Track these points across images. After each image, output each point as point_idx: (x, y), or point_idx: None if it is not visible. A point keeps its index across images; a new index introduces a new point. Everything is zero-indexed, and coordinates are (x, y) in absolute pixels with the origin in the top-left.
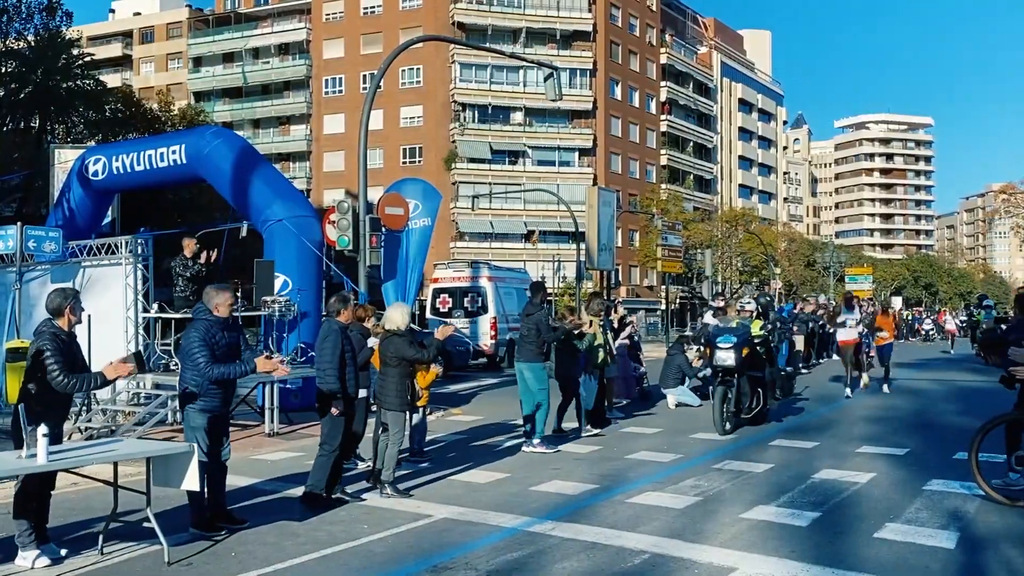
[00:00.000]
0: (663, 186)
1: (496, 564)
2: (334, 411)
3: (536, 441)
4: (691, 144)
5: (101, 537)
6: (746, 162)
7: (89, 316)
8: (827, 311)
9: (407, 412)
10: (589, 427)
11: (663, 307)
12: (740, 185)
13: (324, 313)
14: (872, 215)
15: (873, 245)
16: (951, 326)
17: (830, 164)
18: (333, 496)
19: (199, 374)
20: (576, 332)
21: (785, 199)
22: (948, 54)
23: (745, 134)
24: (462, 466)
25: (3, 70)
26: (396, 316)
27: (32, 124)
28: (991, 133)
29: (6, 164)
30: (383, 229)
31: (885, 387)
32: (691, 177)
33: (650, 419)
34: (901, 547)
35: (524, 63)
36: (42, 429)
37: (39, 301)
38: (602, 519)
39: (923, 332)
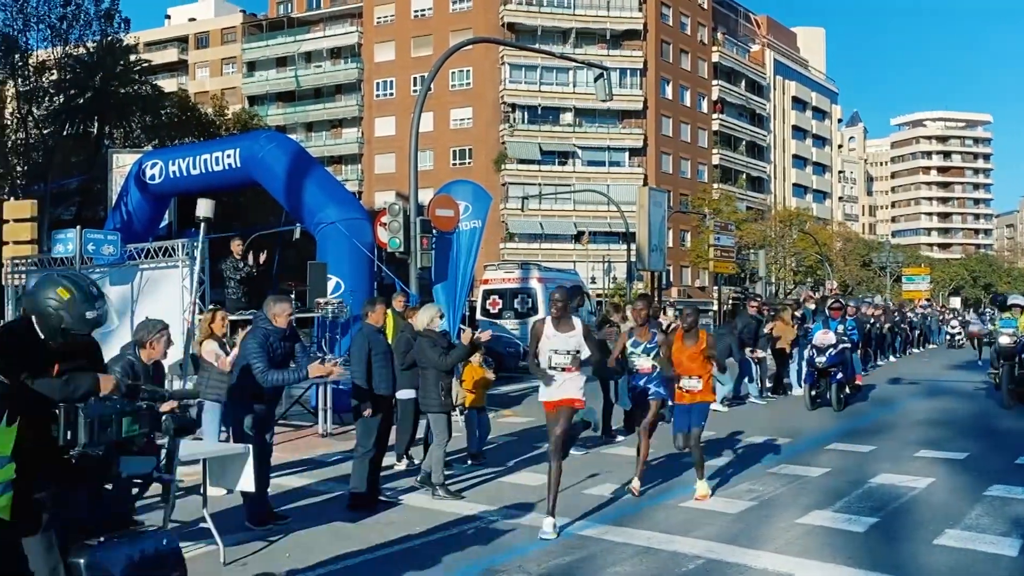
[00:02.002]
0: (715, 186)
1: (549, 568)
2: (365, 413)
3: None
4: (743, 143)
5: None
6: (800, 161)
7: (146, 317)
8: (886, 313)
9: (448, 413)
10: (616, 433)
11: (715, 308)
12: (794, 184)
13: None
14: (929, 214)
15: (930, 245)
16: (975, 327)
17: (886, 162)
18: (379, 497)
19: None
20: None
21: (840, 198)
22: (1007, 49)
23: (799, 132)
24: (513, 468)
25: (63, 76)
26: (423, 317)
27: (91, 129)
28: None
29: (66, 168)
30: (434, 231)
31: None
32: (744, 176)
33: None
34: (961, 554)
35: (574, 63)
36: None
37: None
38: (655, 523)
39: (950, 335)
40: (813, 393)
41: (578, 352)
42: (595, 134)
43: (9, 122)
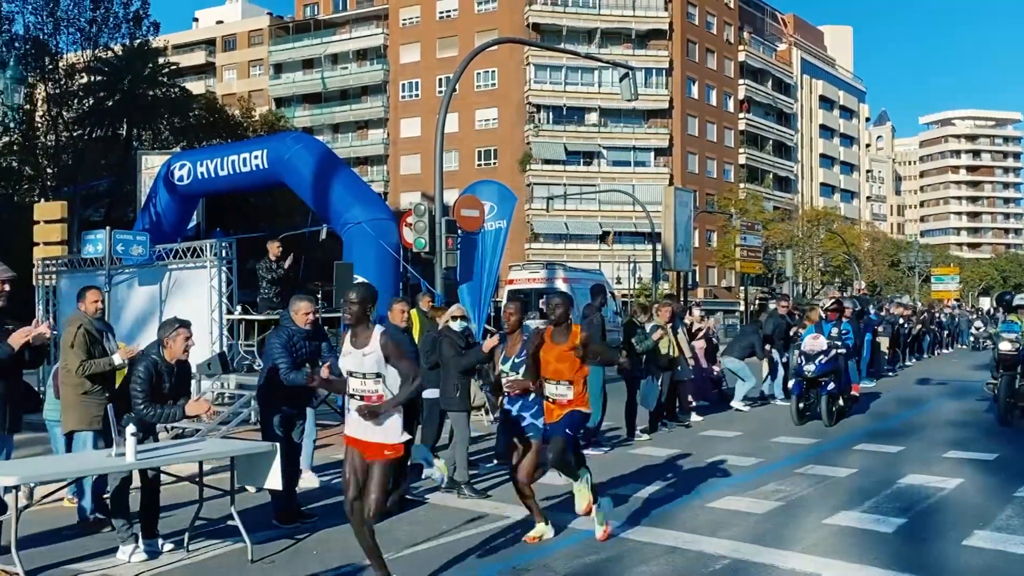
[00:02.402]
0: (742, 185)
1: (574, 567)
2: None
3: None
4: (770, 142)
5: (187, 535)
6: (827, 160)
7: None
8: (915, 313)
9: (467, 412)
10: (641, 433)
11: (742, 308)
12: (821, 184)
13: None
14: (959, 213)
15: (960, 244)
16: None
17: (914, 162)
18: (405, 497)
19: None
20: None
21: (868, 198)
22: None
23: (826, 132)
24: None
25: (92, 79)
26: (445, 316)
27: (120, 131)
28: None
29: (95, 170)
30: (459, 231)
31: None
32: (770, 176)
33: (729, 422)
34: (991, 555)
35: (599, 63)
36: (130, 428)
37: (127, 303)
38: (681, 523)
39: (974, 336)
40: (801, 406)
41: (379, 376)
42: (620, 134)
43: (40, 125)
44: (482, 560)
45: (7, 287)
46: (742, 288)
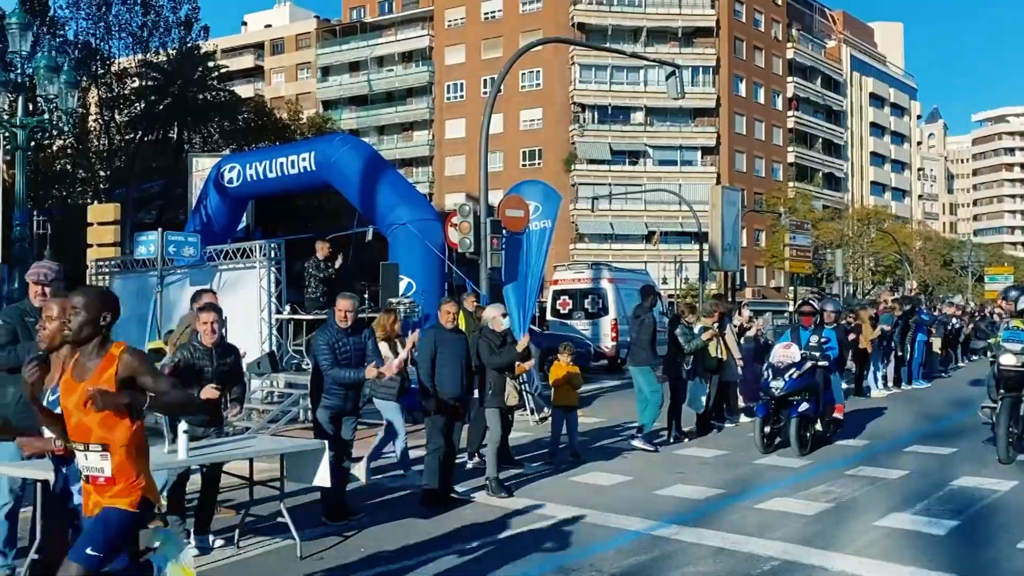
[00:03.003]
0: (791, 184)
1: (622, 567)
2: (427, 411)
3: (639, 438)
4: (820, 141)
5: (237, 531)
6: (878, 158)
7: (225, 318)
8: (966, 313)
9: (500, 409)
10: (682, 435)
11: (791, 309)
12: (872, 182)
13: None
14: (1013, 212)
15: (1014, 244)
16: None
17: (967, 159)
18: (451, 495)
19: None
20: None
21: (920, 196)
22: None
23: (877, 129)
24: (585, 468)
25: (144, 83)
26: (486, 315)
27: (171, 134)
28: None
29: (147, 173)
30: (504, 231)
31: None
32: (820, 174)
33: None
34: None
35: (645, 62)
36: (182, 426)
37: (178, 304)
38: (729, 524)
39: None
40: (766, 430)
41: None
42: (667, 133)
43: (92, 128)
44: (529, 559)
45: (46, 289)
46: (791, 288)
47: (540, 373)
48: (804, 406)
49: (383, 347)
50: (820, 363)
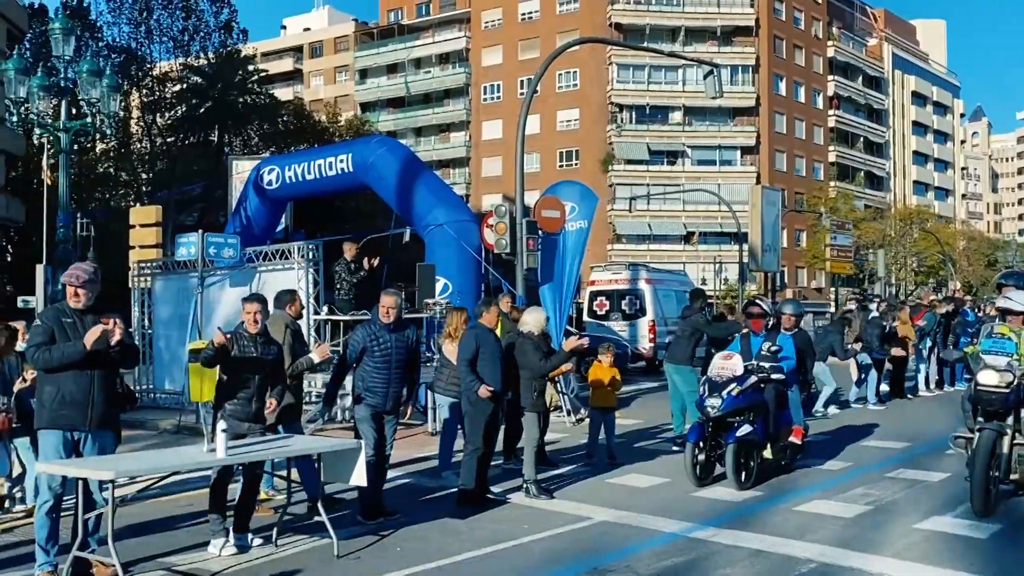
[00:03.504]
0: (832, 184)
1: (657, 569)
2: (481, 392)
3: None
4: (861, 140)
5: (275, 530)
6: (920, 157)
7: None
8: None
9: (539, 413)
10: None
11: (832, 310)
12: (914, 182)
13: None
14: None
15: None
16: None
17: (1012, 158)
18: (487, 496)
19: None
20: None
21: (963, 196)
22: None
23: (919, 128)
24: (621, 469)
25: (185, 86)
26: (530, 320)
27: (212, 137)
28: None
29: (188, 175)
30: (540, 232)
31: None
32: (861, 174)
33: (818, 426)
34: None
35: (683, 62)
36: (221, 425)
37: (219, 304)
38: (767, 527)
39: None
40: (700, 458)
41: None
42: (705, 132)
43: (134, 132)
44: (563, 560)
45: (82, 290)
46: (832, 289)
47: (577, 375)
48: (745, 429)
49: (453, 345)
50: (772, 376)
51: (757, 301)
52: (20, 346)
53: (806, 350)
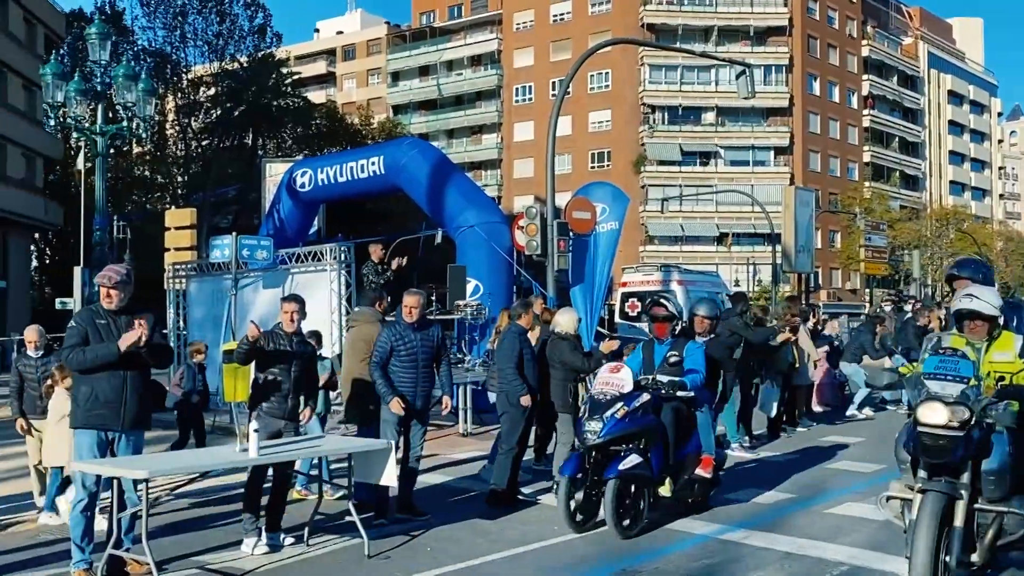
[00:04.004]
0: (866, 184)
1: (687, 570)
2: (523, 401)
3: (735, 445)
4: (896, 139)
5: (307, 529)
6: (957, 157)
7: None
8: None
9: (572, 414)
10: (752, 440)
11: (867, 311)
12: (951, 182)
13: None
14: None
15: None
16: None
17: None
18: (518, 497)
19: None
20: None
21: (1001, 196)
22: None
23: (955, 127)
24: None
25: (219, 90)
26: (563, 321)
27: (246, 140)
28: None
29: (223, 178)
30: (571, 233)
31: None
32: (897, 174)
33: (853, 428)
34: None
35: (716, 62)
36: (253, 425)
37: (252, 306)
38: (799, 529)
39: None
40: (579, 496)
41: None
42: (738, 133)
43: (170, 135)
44: (593, 561)
45: (115, 291)
46: (867, 290)
47: None
48: (632, 460)
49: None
50: (674, 393)
51: (661, 300)
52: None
53: (724, 361)
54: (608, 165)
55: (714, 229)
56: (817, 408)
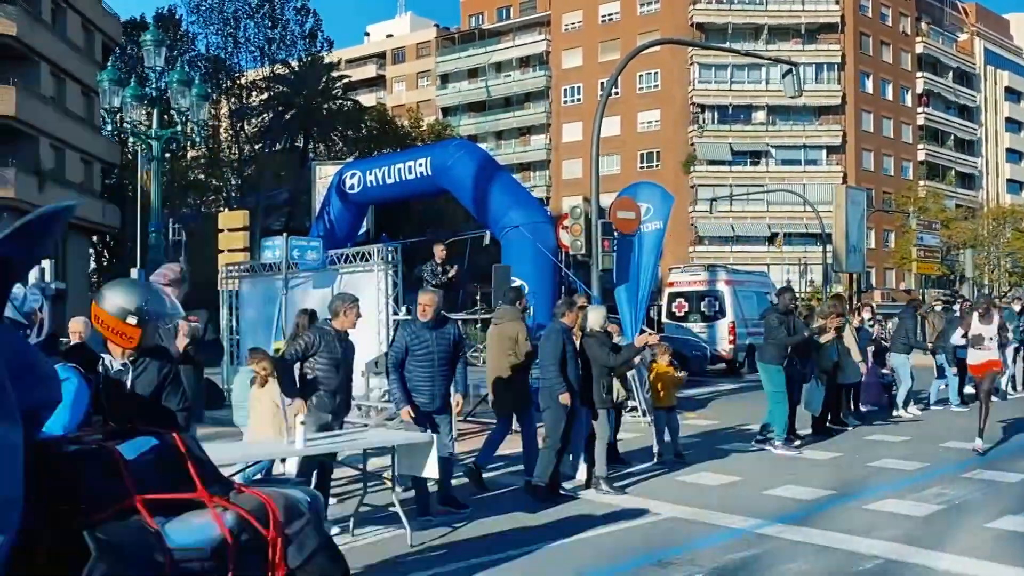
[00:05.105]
0: (921, 183)
1: (720, 563)
2: (562, 399)
3: (777, 443)
4: (952, 137)
5: (352, 520)
6: (1015, 155)
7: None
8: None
9: (608, 410)
10: (796, 437)
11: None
12: (1008, 180)
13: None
14: None
15: None
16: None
17: None
18: (559, 491)
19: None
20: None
21: None
22: None
23: (1013, 125)
24: (693, 468)
25: (271, 94)
26: (592, 317)
27: (297, 144)
28: None
29: (276, 181)
30: (615, 233)
31: None
32: (952, 172)
33: (898, 427)
34: None
35: (766, 61)
36: (300, 418)
37: (302, 306)
38: (835, 524)
39: None
40: None
41: None
42: (789, 132)
43: (224, 139)
44: (627, 553)
45: (169, 288)
46: (921, 291)
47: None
48: None
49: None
50: None
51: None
52: None
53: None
54: (657, 165)
55: (765, 229)
56: (864, 407)
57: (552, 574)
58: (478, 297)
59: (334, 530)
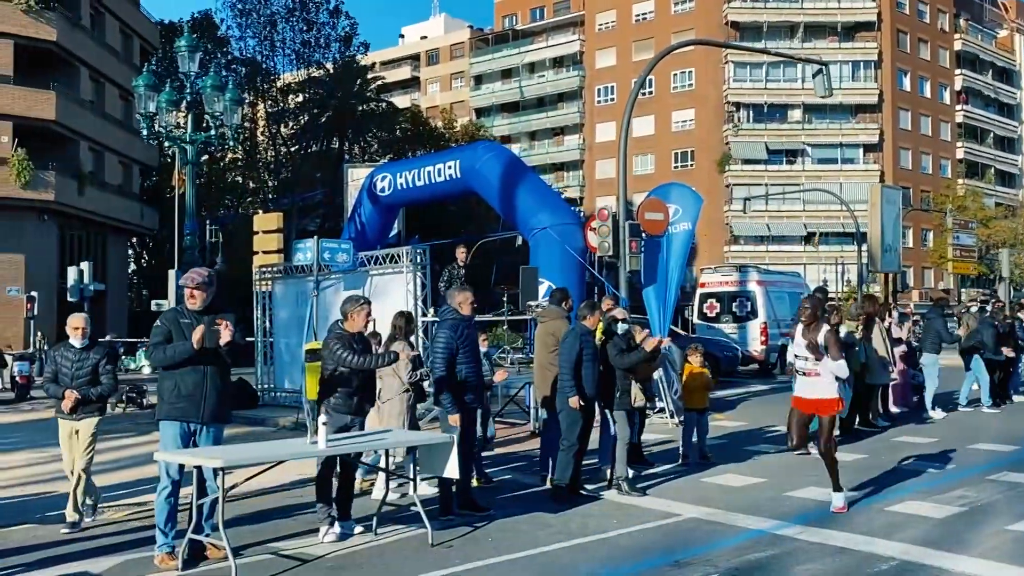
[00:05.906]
0: (960, 181)
1: (737, 563)
2: (572, 403)
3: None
4: (991, 135)
5: (375, 519)
6: None
7: (373, 320)
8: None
9: (627, 411)
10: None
11: (958, 311)
12: None
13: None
14: None
15: None
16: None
17: None
18: (580, 492)
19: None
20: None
21: None
22: None
23: None
24: (718, 469)
25: (307, 97)
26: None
27: (332, 145)
28: None
29: (310, 183)
30: (643, 234)
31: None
32: (992, 171)
33: (926, 428)
34: None
35: (800, 59)
36: (322, 418)
37: (333, 307)
38: (855, 525)
39: None
40: None
41: None
42: (826, 131)
43: (260, 141)
44: (645, 552)
45: (198, 291)
46: (960, 291)
47: (680, 376)
48: None
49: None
50: None
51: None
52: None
53: None
54: (691, 165)
55: (801, 228)
56: (894, 409)
57: (567, 573)
58: (505, 299)
59: (357, 528)
